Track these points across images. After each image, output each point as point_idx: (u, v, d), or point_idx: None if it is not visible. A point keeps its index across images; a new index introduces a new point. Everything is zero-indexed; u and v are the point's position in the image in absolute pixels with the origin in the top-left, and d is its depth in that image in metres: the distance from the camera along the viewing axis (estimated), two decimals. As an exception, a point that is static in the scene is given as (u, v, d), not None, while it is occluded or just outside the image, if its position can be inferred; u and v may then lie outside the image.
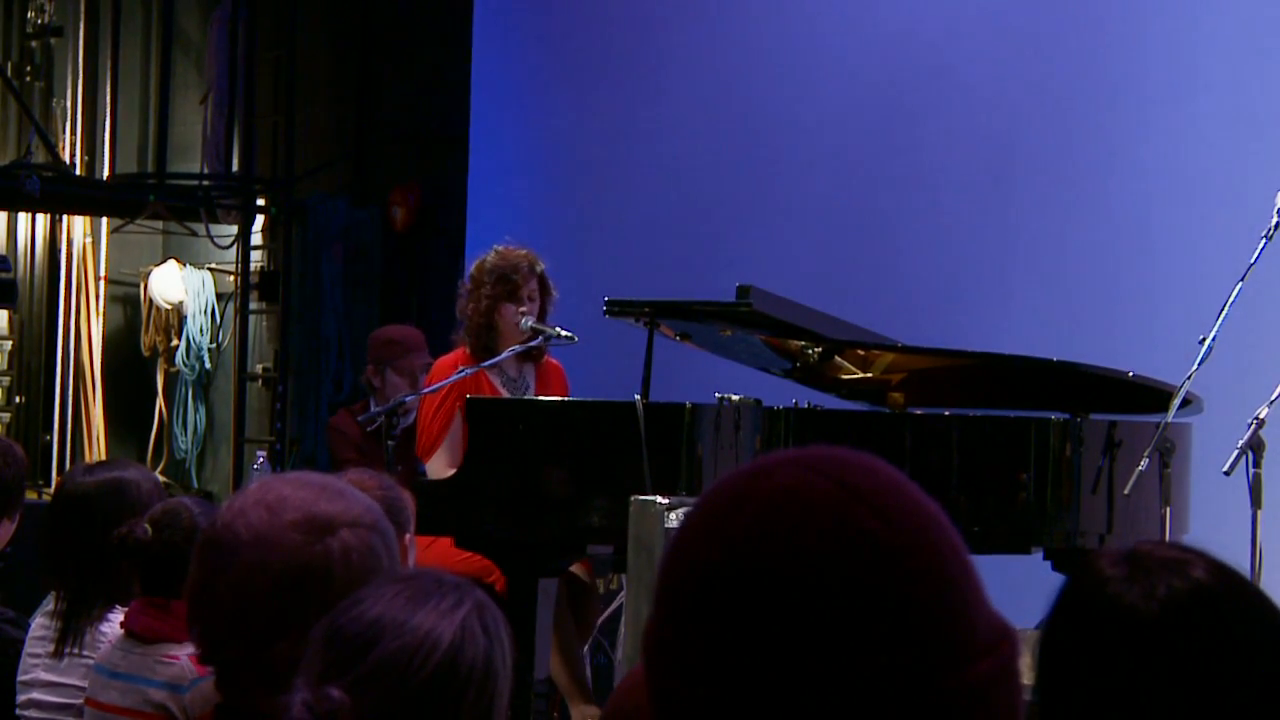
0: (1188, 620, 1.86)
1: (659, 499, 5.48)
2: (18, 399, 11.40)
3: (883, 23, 8.64)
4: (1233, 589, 1.90)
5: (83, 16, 11.44)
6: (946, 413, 6.19)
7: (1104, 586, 1.90)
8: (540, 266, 6.65)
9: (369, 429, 7.21)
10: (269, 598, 2.36)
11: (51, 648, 3.96)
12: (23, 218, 11.45)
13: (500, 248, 6.71)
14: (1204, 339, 5.48)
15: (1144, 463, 5.51)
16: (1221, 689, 1.84)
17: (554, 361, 6.83)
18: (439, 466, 6.51)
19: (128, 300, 11.71)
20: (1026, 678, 1.49)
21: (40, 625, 4.05)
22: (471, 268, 6.73)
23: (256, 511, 2.39)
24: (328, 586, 2.33)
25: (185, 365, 11.42)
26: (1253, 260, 5.50)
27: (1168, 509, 5.74)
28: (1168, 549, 1.92)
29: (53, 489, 8.52)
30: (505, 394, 6.64)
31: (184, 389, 11.48)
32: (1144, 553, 1.91)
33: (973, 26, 8.36)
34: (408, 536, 3.82)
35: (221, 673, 2.43)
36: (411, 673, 2.04)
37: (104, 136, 11.43)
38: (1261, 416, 5.36)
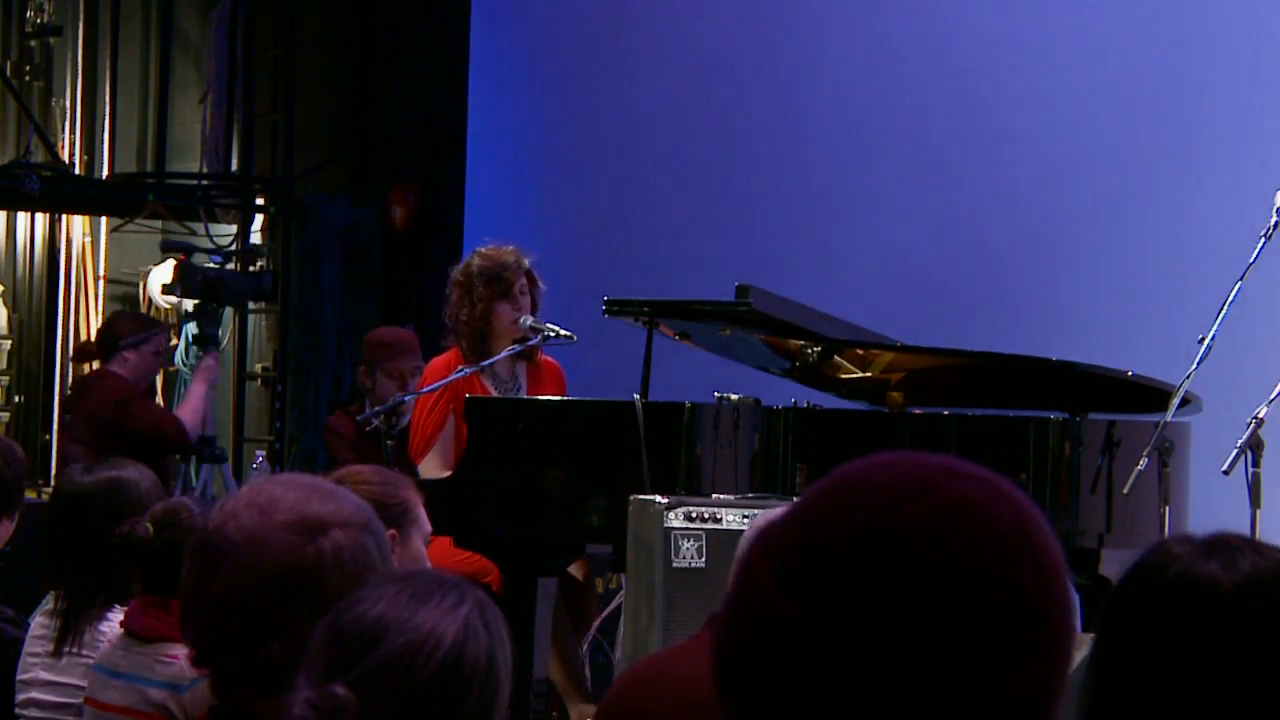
0: (1268, 595, 1.86)
1: (658, 498, 5.48)
2: (17, 399, 11.39)
3: (882, 21, 8.64)
4: None
5: (82, 16, 11.42)
6: (945, 412, 6.19)
7: (1176, 562, 1.89)
8: (527, 262, 6.64)
9: (366, 429, 7.21)
10: (261, 599, 2.36)
11: (51, 647, 3.96)
12: (22, 217, 11.44)
13: (483, 249, 6.70)
14: (1203, 338, 5.48)
15: (1143, 462, 5.51)
16: None
17: (550, 360, 6.81)
18: (431, 468, 6.50)
19: (127, 299, 11.70)
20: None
21: (40, 624, 4.05)
22: (455, 273, 6.70)
23: (248, 513, 2.39)
24: (320, 587, 2.34)
25: (184, 365, 11.40)
26: (1252, 260, 5.50)
27: (1167, 508, 5.75)
28: (1243, 537, 1.93)
29: (52, 488, 8.52)
30: (496, 395, 6.61)
31: (183, 388, 11.45)
32: (1221, 536, 1.91)
33: (972, 25, 8.36)
34: (420, 535, 3.81)
35: (216, 675, 2.43)
36: (415, 670, 2.04)
37: (103, 136, 11.42)
38: (1261, 416, 5.37)
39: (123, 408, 7.84)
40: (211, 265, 9.49)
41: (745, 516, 5.36)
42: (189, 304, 11.37)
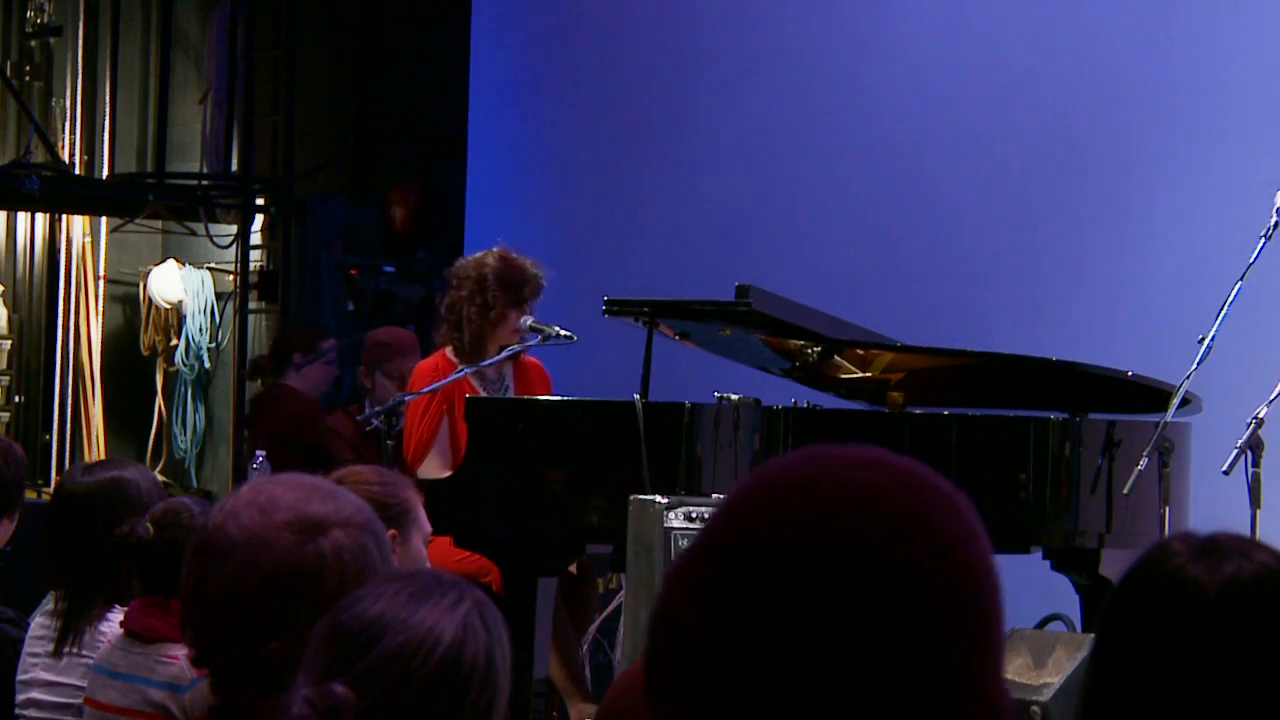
0: (1249, 601, 1.86)
1: (658, 498, 5.48)
2: (17, 399, 11.39)
3: (880, 23, 8.64)
4: None
5: (82, 16, 11.43)
6: (945, 412, 6.19)
7: (1169, 560, 1.90)
8: (544, 279, 6.62)
9: (366, 429, 7.22)
10: (261, 598, 2.36)
11: (51, 647, 3.96)
12: (22, 217, 11.44)
13: (503, 252, 6.63)
14: (1204, 339, 5.48)
15: (1143, 462, 5.51)
16: (1275, 672, 1.84)
17: (533, 360, 6.79)
18: (430, 471, 6.47)
19: (127, 300, 11.71)
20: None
21: (40, 625, 4.04)
22: (466, 266, 6.62)
23: (248, 513, 2.39)
24: (320, 586, 2.34)
25: (184, 365, 11.41)
26: (1252, 260, 5.51)
27: (1167, 509, 5.75)
28: (1243, 538, 1.93)
29: (52, 488, 8.53)
30: (484, 395, 6.59)
31: (183, 388, 11.47)
32: (1219, 537, 1.92)
33: (975, 29, 8.36)
34: (419, 535, 3.82)
35: (216, 674, 2.43)
36: (414, 669, 2.04)
37: (103, 136, 11.43)
38: (1261, 416, 5.37)
39: (301, 423, 7.94)
40: (385, 273, 9.58)
41: (745, 516, 5.35)
42: (190, 304, 11.38)
